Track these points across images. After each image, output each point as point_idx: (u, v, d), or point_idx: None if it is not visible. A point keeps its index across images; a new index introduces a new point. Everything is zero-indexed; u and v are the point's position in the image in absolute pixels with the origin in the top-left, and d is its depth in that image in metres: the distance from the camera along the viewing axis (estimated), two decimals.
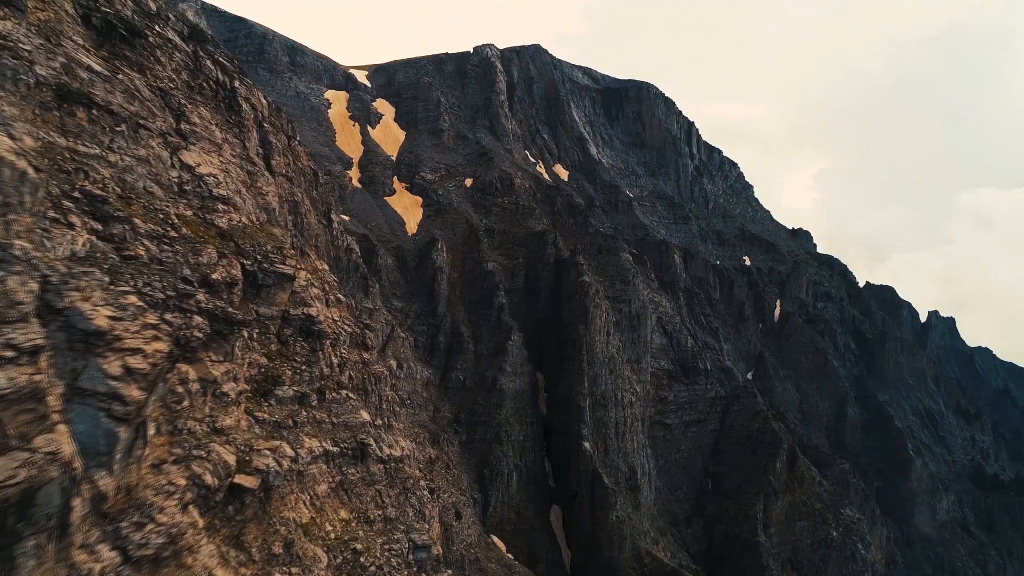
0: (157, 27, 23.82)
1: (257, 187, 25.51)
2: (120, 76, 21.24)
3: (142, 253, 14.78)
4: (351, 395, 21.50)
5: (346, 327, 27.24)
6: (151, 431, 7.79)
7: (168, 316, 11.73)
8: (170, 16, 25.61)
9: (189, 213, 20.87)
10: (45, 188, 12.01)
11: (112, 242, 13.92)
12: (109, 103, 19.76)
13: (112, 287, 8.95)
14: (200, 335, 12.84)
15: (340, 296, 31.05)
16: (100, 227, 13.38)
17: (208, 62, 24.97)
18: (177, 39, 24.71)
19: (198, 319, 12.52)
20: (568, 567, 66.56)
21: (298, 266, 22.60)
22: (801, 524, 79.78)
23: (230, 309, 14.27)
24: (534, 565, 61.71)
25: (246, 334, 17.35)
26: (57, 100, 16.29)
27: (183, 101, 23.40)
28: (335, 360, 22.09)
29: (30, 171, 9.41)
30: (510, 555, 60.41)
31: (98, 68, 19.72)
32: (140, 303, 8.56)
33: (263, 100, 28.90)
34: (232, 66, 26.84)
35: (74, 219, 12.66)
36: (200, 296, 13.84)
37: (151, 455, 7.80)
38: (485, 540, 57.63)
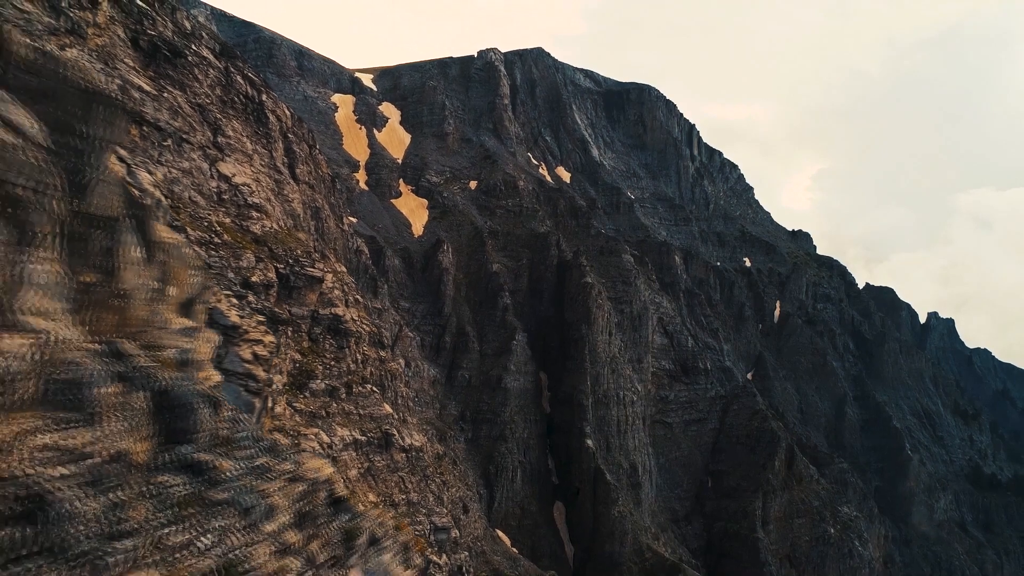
0: (194, 46, 25.54)
1: (284, 194, 27.13)
2: (165, 94, 23.01)
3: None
4: (374, 389, 23.07)
5: (365, 326, 28.93)
6: (270, 403, 9.42)
7: None
8: (203, 35, 27.31)
9: (228, 220, 22.59)
10: None
11: None
12: (157, 120, 21.52)
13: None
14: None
15: (358, 297, 32.79)
16: None
17: (239, 77, 26.62)
18: (211, 56, 26.42)
19: (257, 316, 14.19)
20: (571, 561, 68.14)
21: (325, 269, 24.26)
22: (799, 521, 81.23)
23: (276, 309, 15.81)
24: (538, 559, 63.31)
25: (290, 332, 18.99)
26: None
27: (218, 115, 25.12)
28: (359, 357, 23.63)
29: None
30: (515, 549, 61.99)
31: (147, 88, 21.46)
32: (240, 303, 10.24)
33: (287, 111, 30.47)
34: (259, 80, 28.43)
35: None
36: (250, 297, 15.41)
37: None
38: (491, 534, 59.25)
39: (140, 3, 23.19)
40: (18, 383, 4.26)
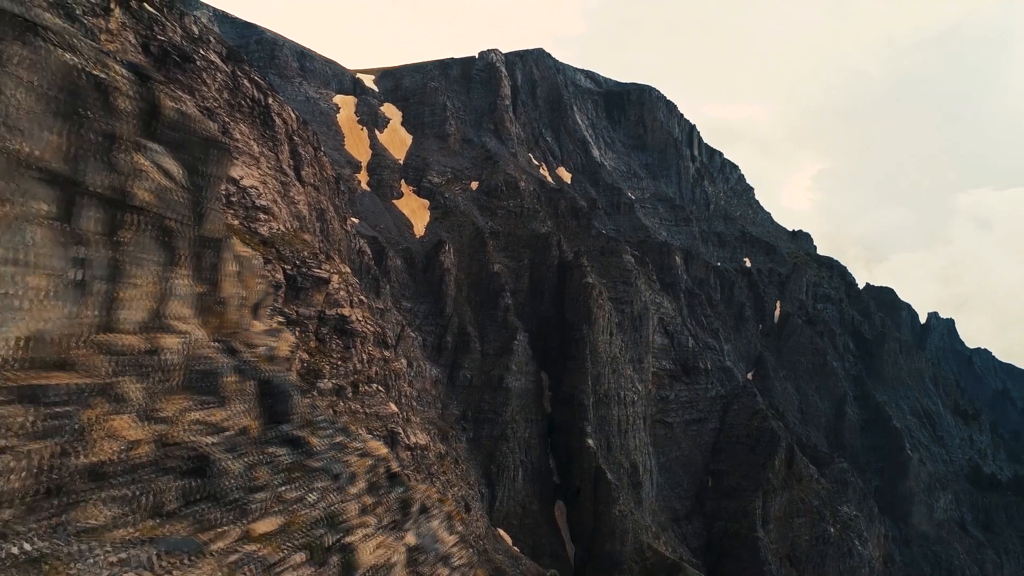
0: (201, 50, 25.92)
1: (290, 196, 27.52)
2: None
3: None
4: (380, 388, 23.49)
5: (370, 326, 29.30)
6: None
7: None
8: (211, 39, 27.69)
9: (236, 223, 22.96)
10: None
11: None
12: None
13: None
14: None
15: (363, 297, 33.17)
16: None
17: (245, 81, 26.99)
18: (218, 60, 26.79)
19: (277, 317, 14.54)
20: (572, 560, 68.51)
21: (331, 270, 24.63)
22: (799, 521, 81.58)
23: (285, 310, 16.20)
24: (539, 558, 63.68)
25: (297, 332, 19.38)
26: None
27: (226, 119, 25.49)
28: (365, 356, 24.04)
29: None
30: (516, 548, 62.36)
31: None
32: None
33: (292, 114, 30.87)
34: (265, 83, 28.82)
35: None
36: None
37: None
38: (492, 533, 59.63)
39: (150, 9, 23.57)
40: (173, 372, 5.67)
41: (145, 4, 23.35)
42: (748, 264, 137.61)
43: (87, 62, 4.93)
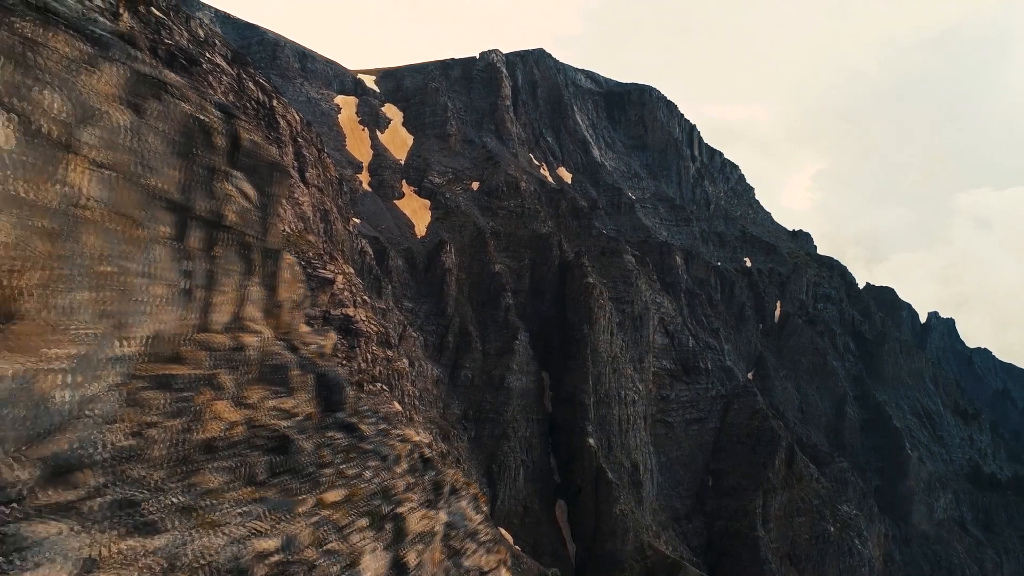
0: (207, 53, 26.19)
1: (294, 198, 27.81)
2: None
3: None
4: (384, 388, 23.81)
5: (374, 326, 29.57)
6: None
7: None
8: (216, 42, 27.96)
9: None
10: None
11: None
12: None
13: None
14: None
15: (366, 298, 33.44)
16: None
17: (250, 83, 27.29)
18: (224, 63, 27.07)
19: None
20: (572, 559, 68.81)
21: (336, 270, 24.90)
22: (799, 520, 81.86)
23: None
24: (540, 556, 63.98)
25: None
26: None
27: None
28: (369, 356, 24.34)
29: None
30: (517, 547, 62.64)
31: None
32: None
33: (296, 116, 31.16)
34: (269, 86, 29.11)
35: None
36: None
37: None
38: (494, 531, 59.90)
39: (157, 13, 23.82)
40: (252, 366, 6.87)
41: (152, 8, 23.61)
42: (748, 264, 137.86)
43: (196, 108, 6.06)
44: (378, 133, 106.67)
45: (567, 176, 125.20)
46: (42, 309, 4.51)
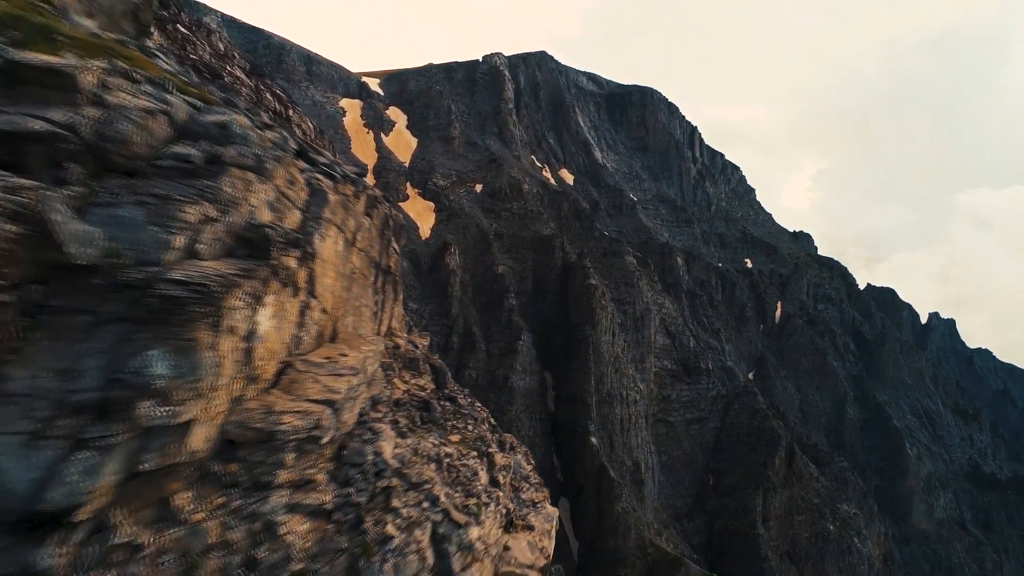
0: (228, 67, 27.29)
1: None
2: None
3: None
4: None
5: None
6: None
7: None
8: (235, 55, 29.05)
9: None
10: None
11: None
12: None
13: None
14: None
15: None
16: None
17: (267, 95, 28.31)
18: (243, 76, 28.16)
19: None
20: (575, 556, 69.82)
21: None
22: (799, 518, 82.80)
23: None
24: None
25: None
26: None
27: None
28: None
29: None
30: None
31: None
32: None
33: (310, 124, 32.20)
34: (285, 96, 30.18)
35: None
36: None
37: None
38: None
39: (183, 30, 24.97)
40: (400, 358, 12.15)
41: (179, 25, 24.79)
42: (749, 265, 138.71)
43: (386, 207, 10.17)
44: (383, 136, 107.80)
45: (569, 178, 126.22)
46: (345, 327, 9.15)
